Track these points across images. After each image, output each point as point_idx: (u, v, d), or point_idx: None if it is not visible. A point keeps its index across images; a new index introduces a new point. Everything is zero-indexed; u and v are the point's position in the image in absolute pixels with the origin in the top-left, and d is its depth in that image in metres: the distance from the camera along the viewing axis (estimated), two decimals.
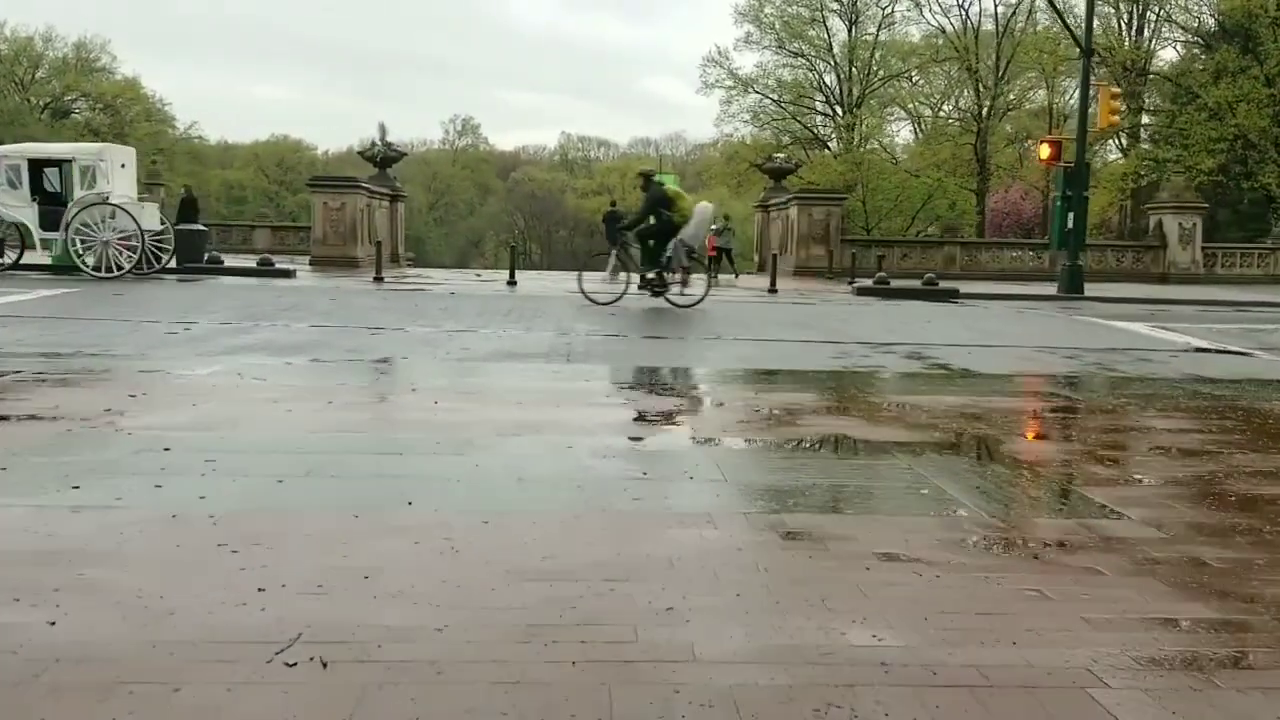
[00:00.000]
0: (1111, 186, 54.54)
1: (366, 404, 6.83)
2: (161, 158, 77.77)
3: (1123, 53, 56.64)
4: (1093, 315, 18.88)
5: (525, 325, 14.01)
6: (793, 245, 34.08)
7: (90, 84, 77.88)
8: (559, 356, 10.20)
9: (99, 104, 78.79)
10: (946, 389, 8.56)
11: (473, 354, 10.24)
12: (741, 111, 64.35)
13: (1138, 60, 57.59)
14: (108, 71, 79.71)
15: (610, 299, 17.58)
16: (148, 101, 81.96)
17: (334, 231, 32.40)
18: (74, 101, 78.69)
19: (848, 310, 18.76)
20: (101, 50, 79.35)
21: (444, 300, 17.76)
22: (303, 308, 15.43)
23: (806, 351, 11.63)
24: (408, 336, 11.87)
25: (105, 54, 79.58)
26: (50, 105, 77.31)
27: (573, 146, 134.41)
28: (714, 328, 14.59)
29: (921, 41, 62.97)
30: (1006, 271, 34.79)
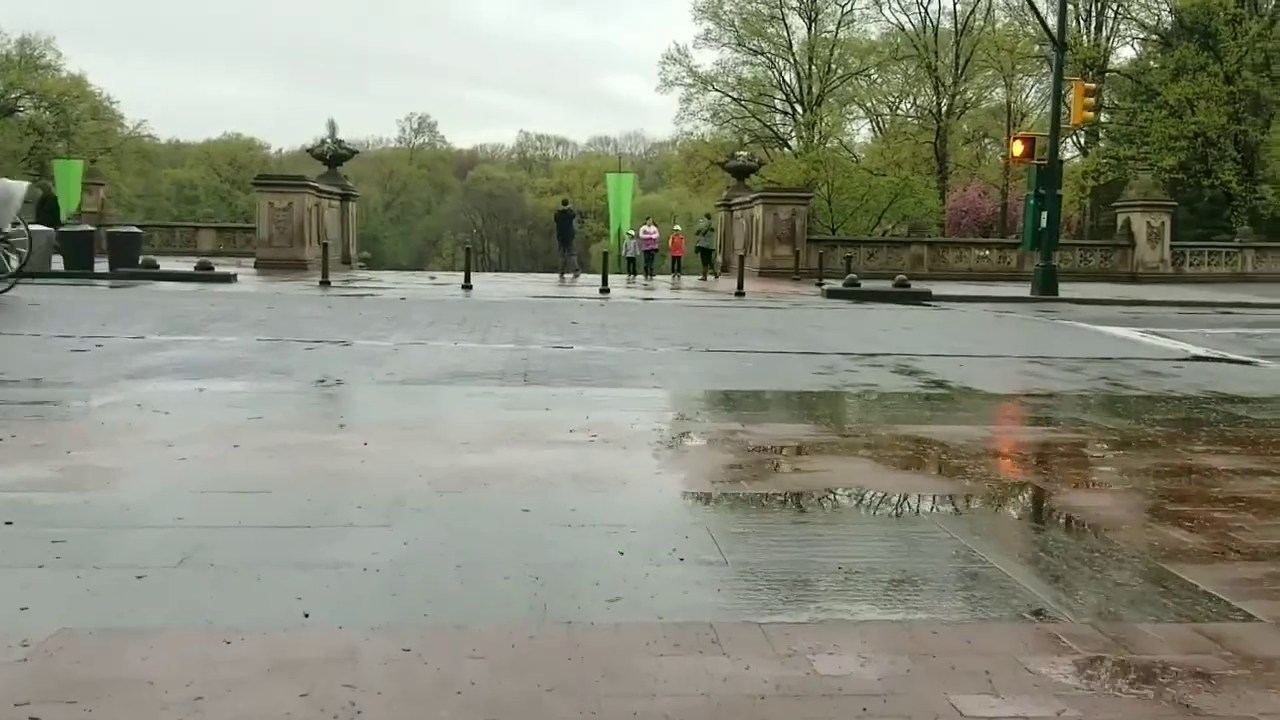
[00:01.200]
0: (1072, 185, 54.27)
1: (281, 447, 5.69)
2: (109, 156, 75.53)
3: (1083, 50, 56.47)
4: (1074, 319, 18.07)
5: (480, 336, 12.88)
6: (758, 245, 33.15)
7: (35, 81, 75.30)
8: (515, 376, 9.09)
9: (44, 102, 76.31)
10: (955, 414, 7.56)
11: (418, 374, 9.10)
12: (701, 109, 63.67)
13: (1097, 58, 57.49)
14: (53, 69, 77.09)
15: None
16: (94, 99, 79.48)
17: (280, 233, 30.99)
18: (18, 99, 76.09)
19: (821, 316, 17.80)
20: (46, 47, 76.65)
21: (393, 307, 16.57)
22: (235, 317, 14.18)
23: (787, 365, 10.61)
24: (347, 352, 10.70)
25: (50, 50, 76.90)
26: None
27: (531, 145, 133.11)
28: (684, 335, 13.55)
29: (880, 39, 62.65)
30: (974, 271, 34.11)
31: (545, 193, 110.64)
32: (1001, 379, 9.79)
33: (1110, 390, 9.07)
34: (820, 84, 61.46)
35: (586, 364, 10.21)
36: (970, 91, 61.63)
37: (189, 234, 40.43)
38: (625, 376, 9.26)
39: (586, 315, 16.28)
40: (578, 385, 8.57)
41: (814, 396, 8.26)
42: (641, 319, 15.95)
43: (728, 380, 9.29)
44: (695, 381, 9.12)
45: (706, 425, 6.77)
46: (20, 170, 70.40)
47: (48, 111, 76.01)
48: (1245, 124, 48.13)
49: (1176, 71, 48.55)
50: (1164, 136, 48.03)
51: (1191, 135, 48.72)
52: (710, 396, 8.32)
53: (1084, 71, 56.60)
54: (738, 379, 9.42)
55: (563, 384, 8.63)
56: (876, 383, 9.19)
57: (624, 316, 16.20)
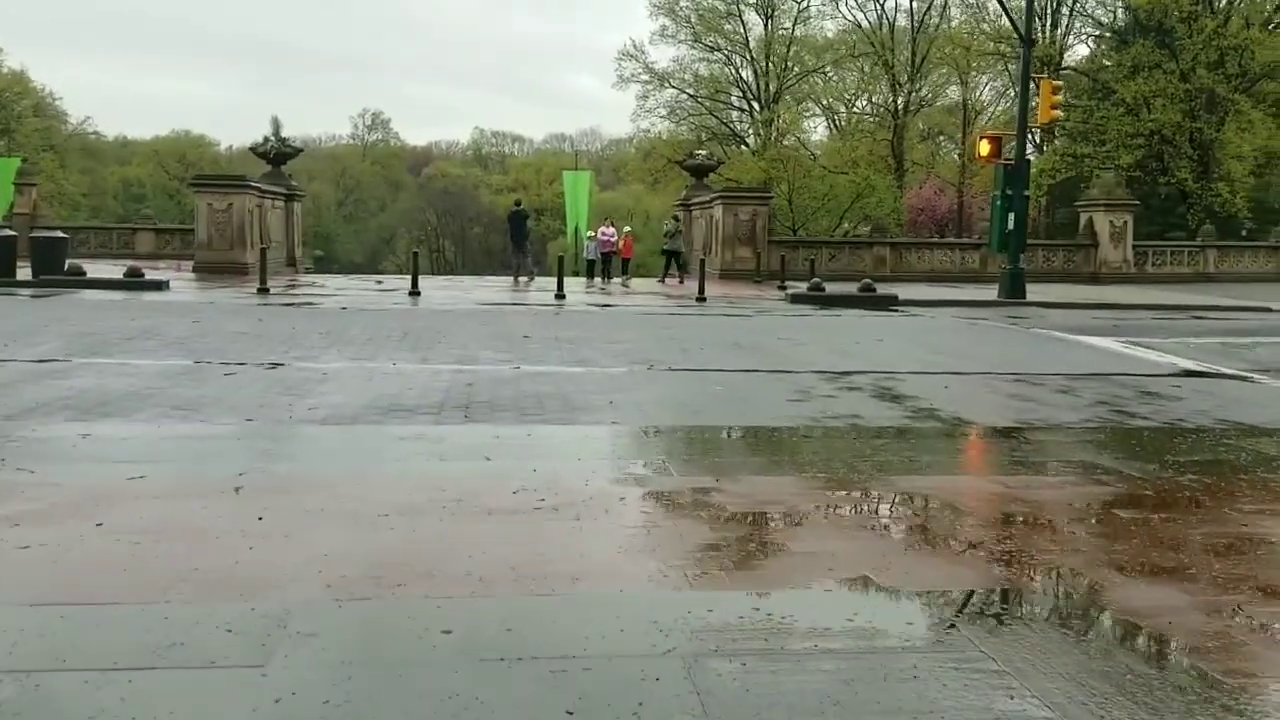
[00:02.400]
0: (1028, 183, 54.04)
1: (154, 528, 4.63)
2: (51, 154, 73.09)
3: (1041, 47, 56.30)
4: (1048, 327, 17.34)
5: (422, 354, 11.82)
6: (718, 246, 32.26)
7: None
8: (455, 409, 8.05)
9: None
10: (956, 459, 6.67)
11: (346, 407, 8.03)
12: (658, 106, 63.02)
13: (1054, 56, 57.46)
14: None
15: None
16: (37, 95, 77.01)
17: (220, 235, 29.63)
18: None
19: (788, 325, 16.91)
20: None
21: (331, 320, 15.44)
22: (156, 334, 12.99)
23: (758, 389, 9.67)
24: (271, 378, 9.60)
25: None
26: None
27: (486, 142, 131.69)
28: (645, 351, 12.57)
29: (837, 36, 62.32)
30: (936, 272, 33.50)
31: (501, 190, 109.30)
32: (994, 406, 8.91)
33: (1116, 421, 8.22)
34: (777, 81, 61.05)
35: (537, 390, 9.20)
36: (925, 89, 61.45)
37: (126, 236, 38.77)
38: (580, 408, 8.27)
39: (540, 327, 15.26)
40: (526, 422, 7.56)
41: (794, 435, 7.31)
42: (599, 331, 14.95)
43: (695, 411, 8.32)
44: (659, 414, 8.14)
45: (674, 481, 5.79)
46: None
47: None
48: (1200, 121, 48.09)
49: (1133, 69, 48.40)
50: (1121, 134, 47.86)
51: (1148, 133, 48.63)
52: (676, 436, 7.34)
53: (1040, 69, 56.49)
54: (706, 409, 8.45)
55: (509, 420, 7.62)
56: (859, 413, 8.27)
57: (580, 328, 15.20)
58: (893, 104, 59.97)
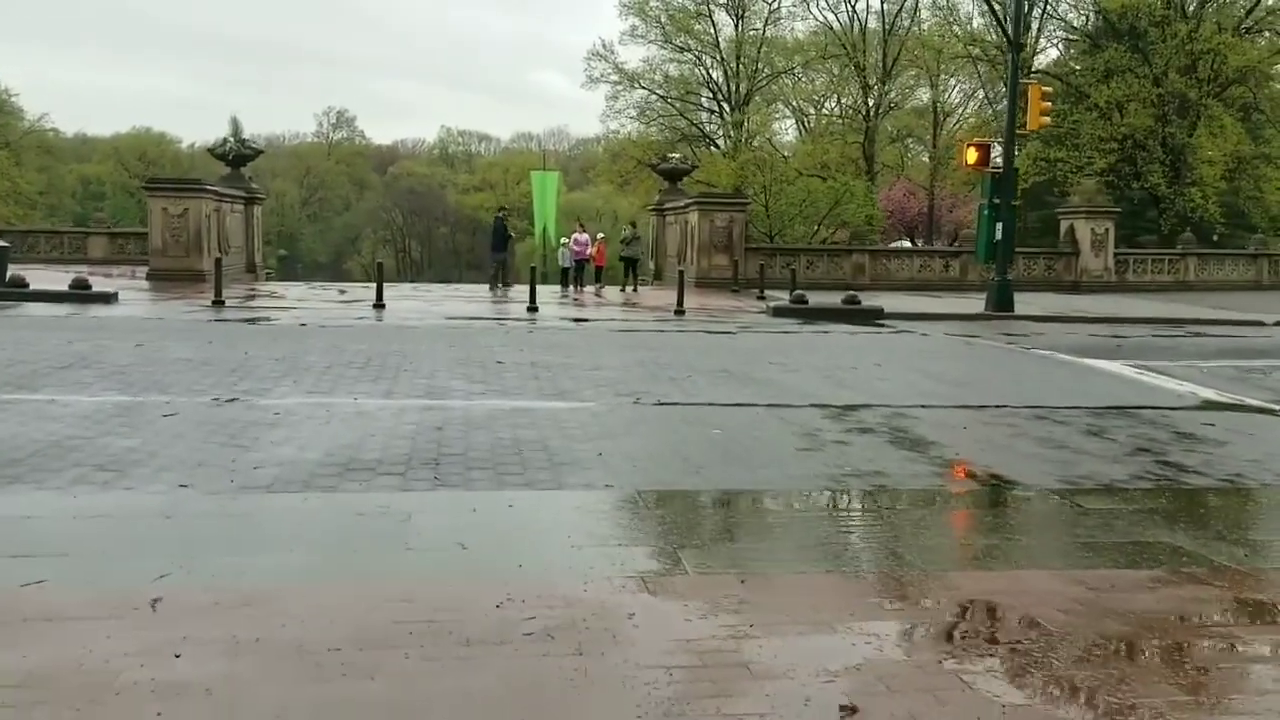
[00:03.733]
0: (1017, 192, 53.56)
1: (26, 676, 3.61)
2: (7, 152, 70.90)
3: None
4: (1047, 346, 16.54)
5: (386, 386, 10.77)
6: (693, 253, 31.35)
7: None
8: (424, 466, 7.03)
9: None
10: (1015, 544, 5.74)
11: (295, 466, 6.98)
12: (628, 107, 62.24)
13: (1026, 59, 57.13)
14: None
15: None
16: None
17: (175, 241, 28.35)
18: None
19: (775, 344, 15.99)
20: None
21: (288, 340, 14.33)
22: (93, 361, 11.85)
23: (760, 432, 8.72)
24: (213, 422, 8.52)
25: None
26: None
27: (453, 140, 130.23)
28: (628, 379, 11.59)
29: (807, 37, 61.75)
30: (916, 281, 32.76)
31: (468, 189, 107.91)
32: (1026, 456, 8.00)
33: (1168, 478, 7.33)
34: (748, 82, 60.44)
35: (516, 435, 8.20)
36: (894, 91, 61.00)
37: (79, 240, 37.22)
38: (566, 462, 7.27)
39: (513, 349, 14.23)
40: (506, 484, 6.56)
41: (817, 506, 6.34)
42: (576, 353, 13.94)
43: (696, 467, 7.34)
44: (656, 471, 7.15)
45: (690, 583, 4.79)
46: None
47: None
48: (1172, 126, 47.83)
49: (1106, 73, 48.05)
50: (1094, 138, 47.49)
51: (1121, 138, 48.34)
52: (681, 506, 6.34)
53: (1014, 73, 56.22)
54: (707, 463, 7.47)
55: (486, 482, 6.61)
56: (882, 468, 7.33)
57: (556, 351, 14.18)
58: (864, 106, 59.48)
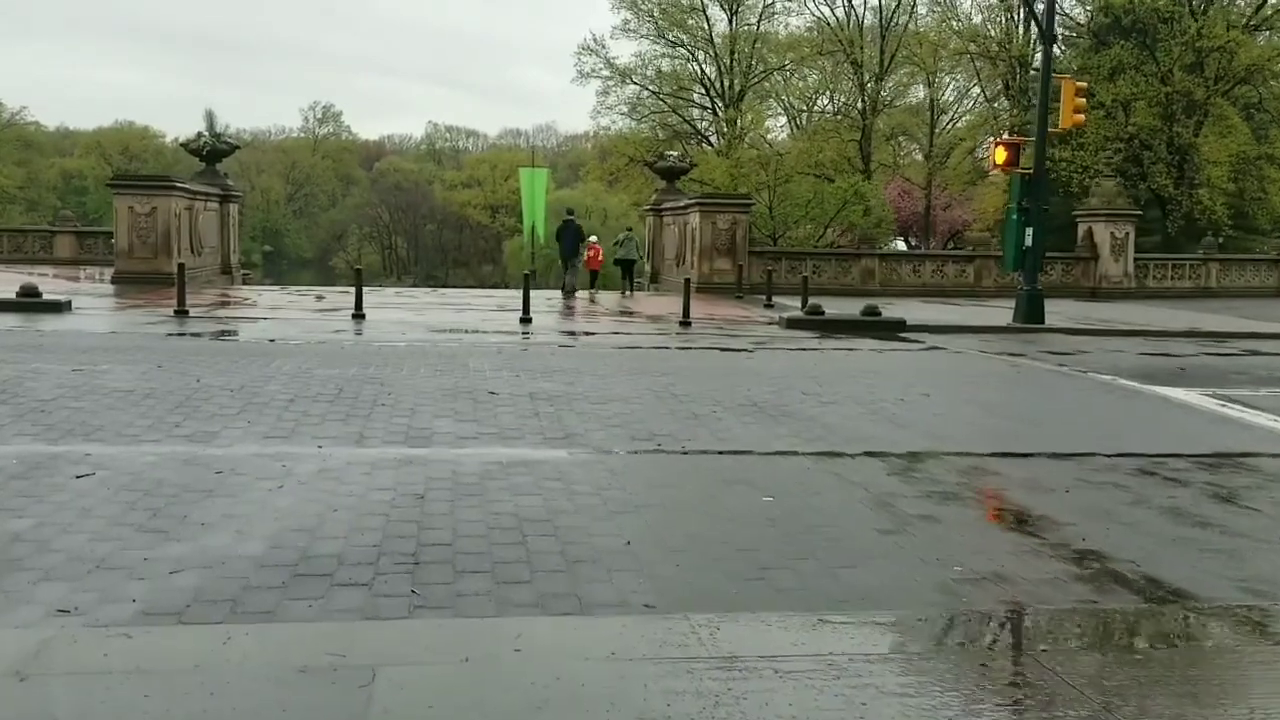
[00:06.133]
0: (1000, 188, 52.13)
1: None
2: None
3: (1016, 47, 54.54)
4: (1100, 368, 14.87)
5: (358, 427, 9.03)
6: (694, 257, 29.65)
7: None
8: (398, 569, 5.28)
9: None
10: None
11: (223, 573, 5.19)
12: (619, 103, 60.79)
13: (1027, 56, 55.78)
14: None
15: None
16: None
17: (142, 242, 26.53)
18: None
19: (800, 366, 14.28)
20: None
21: (249, 365, 12.53)
22: (16, 392, 10.06)
23: (820, 499, 7.00)
24: (135, 487, 6.75)
25: None
26: None
27: (440, 136, 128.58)
28: (642, 415, 9.85)
29: (803, 33, 60.27)
30: (929, 287, 31.16)
31: (455, 186, 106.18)
32: (1165, 538, 6.31)
33: None
34: (742, 79, 58.94)
35: (518, 510, 6.48)
36: (888, 89, 59.50)
37: (45, 239, 35.32)
38: (584, 559, 5.54)
39: (507, 373, 12.49)
40: (507, 604, 4.83)
41: (951, 653, 4.60)
42: (580, 380, 12.21)
43: (756, 563, 5.60)
44: (706, 575, 5.40)
45: None
46: None
47: None
48: (1179, 125, 46.45)
49: (1113, 71, 46.58)
50: (1100, 138, 46.03)
51: (1127, 137, 46.96)
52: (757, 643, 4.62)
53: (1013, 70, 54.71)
54: (769, 559, 5.72)
55: (481, 600, 4.89)
56: (998, 564, 5.61)
57: (556, 376, 12.44)
58: (860, 103, 57.99)
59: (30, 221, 53.75)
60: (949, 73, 60.41)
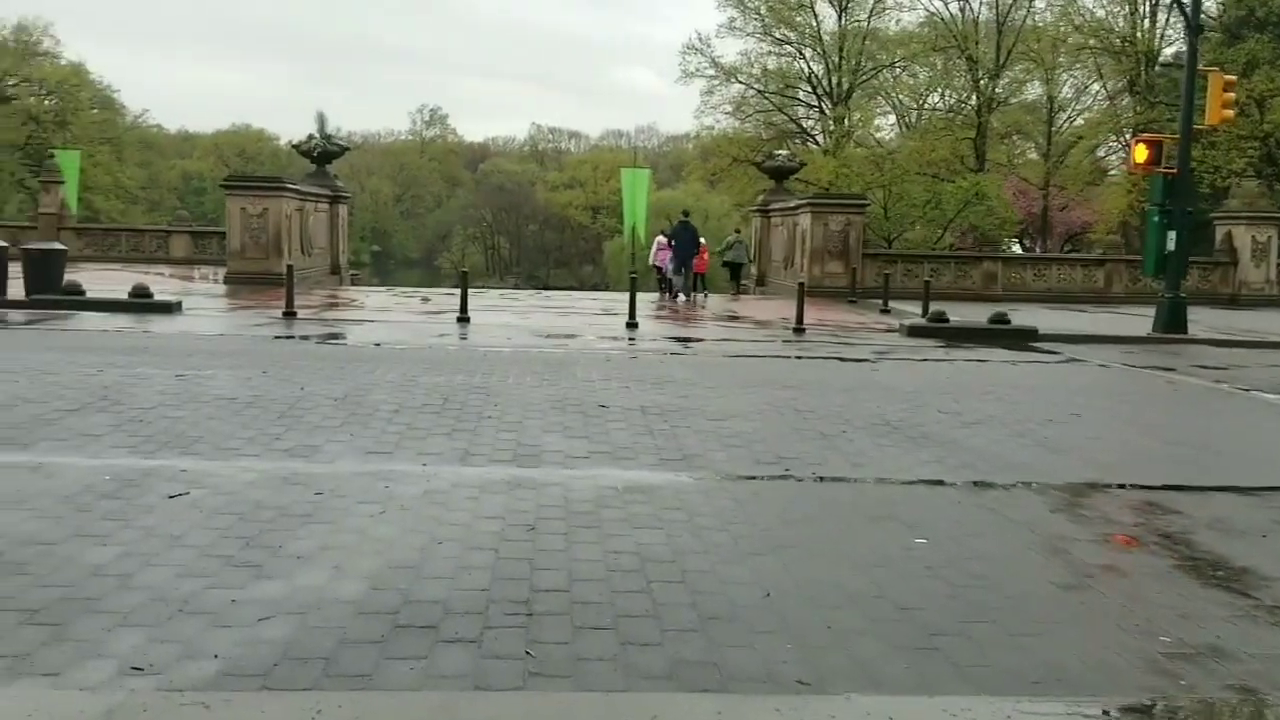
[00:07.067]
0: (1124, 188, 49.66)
1: None
2: (109, 147, 71.42)
3: (1140, 42, 52.05)
4: (1264, 386, 13.54)
5: (463, 444, 8.46)
6: (803, 259, 28.67)
7: (32, 69, 71.53)
8: (507, 623, 4.63)
9: (41, 90, 72.63)
10: None
11: (307, 626, 4.64)
12: (723, 102, 59.89)
13: (1152, 51, 53.14)
14: (51, 56, 73.37)
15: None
16: (94, 88, 75.65)
17: (254, 242, 26.71)
18: (14, 87, 72.34)
19: (928, 377, 13.31)
20: (43, 34, 72.98)
21: (355, 370, 12.14)
22: (118, 398, 9.78)
23: (975, 538, 6.15)
24: (230, 512, 6.27)
25: (48, 37, 73.24)
26: None
27: (543, 138, 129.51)
28: (767, 436, 9.04)
29: (915, 29, 58.48)
30: (1054, 292, 29.58)
31: (557, 187, 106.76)
32: None
33: None
34: (850, 76, 57.46)
35: (638, 545, 5.79)
36: (1002, 86, 57.28)
37: (161, 239, 36.08)
38: (719, 616, 4.81)
39: (617, 384, 11.84)
40: (634, 674, 4.13)
41: None
42: (694, 391, 11.49)
43: (921, 626, 4.81)
44: (865, 641, 4.63)
45: None
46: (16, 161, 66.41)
47: (47, 100, 72.29)
48: None
49: (1247, 66, 43.95)
50: (1233, 136, 43.41)
51: (1263, 135, 44.28)
52: None
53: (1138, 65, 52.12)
54: (935, 616, 4.94)
55: (604, 668, 4.20)
56: (1212, 634, 4.71)
57: (669, 387, 11.75)
58: (976, 101, 55.99)
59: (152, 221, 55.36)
60: (1067, 69, 58.01)
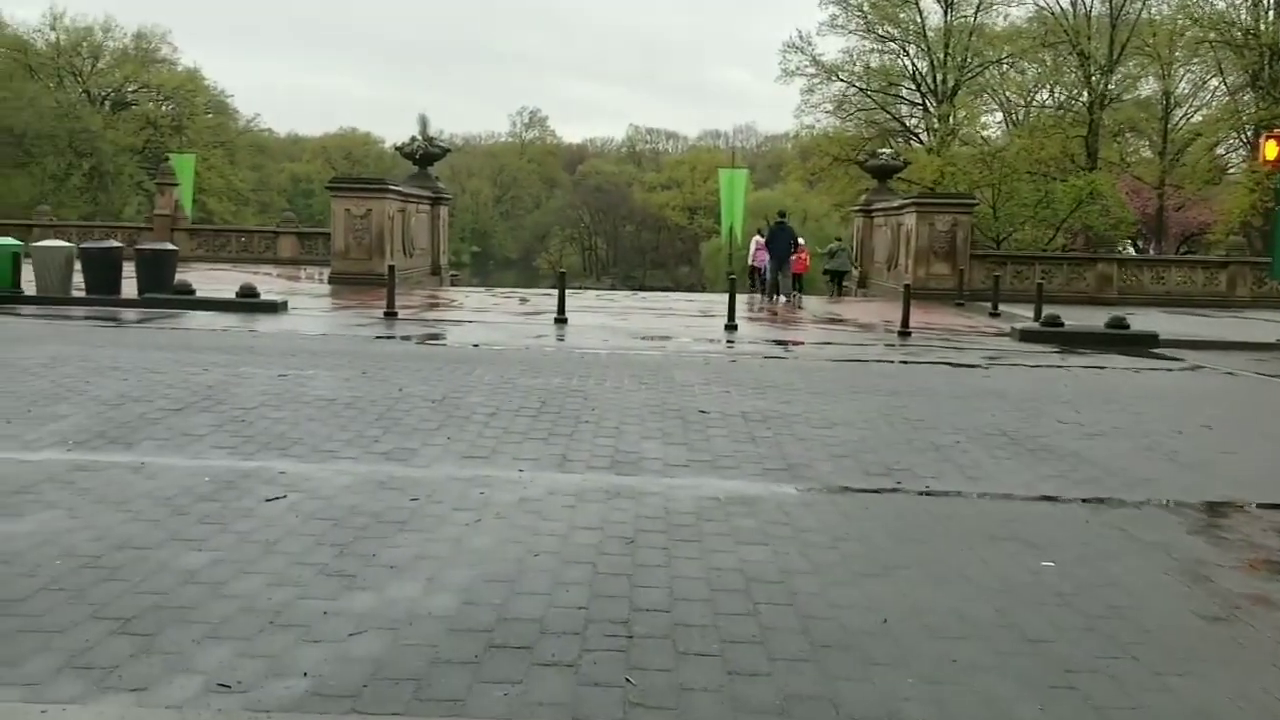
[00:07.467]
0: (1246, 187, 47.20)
1: None
2: (222, 150, 73.96)
3: (1267, 35, 49.57)
4: None
5: (560, 449, 8.25)
6: (907, 260, 27.93)
7: (150, 75, 74.50)
8: (606, 646, 4.39)
9: (159, 95, 75.54)
10: None
11: (398, 643, 4.45)
12: (824, 101, 58.92)
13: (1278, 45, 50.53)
14: (168, 62, 76.30)
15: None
16: (209, 93, 78.38)
17: (357, 243, 27.11)
18: (134, 93, 75.43)
19: (1044, 384, 12.67)
20: (161, 41, 75.95)
21: (451, 374, 12.05)
22: (221, 397, 9.84)
23: (1104, 561, 5.66)
24: (324, 517, 6.15)
25: (165, 44, 76.21)
26: (109, 97, 74.10)
27: (640, 138, 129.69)
28: (875, 445, 8.60)
29: (1025, 24, 56.69)
30: (1174, 295, 28.24)
31: (654, 188, 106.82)
32: None
33: None
34: (956, 73, 56.02)
35: (742, 563, 5.49)
36: (1115, 82, 55.13)
37: (269, 240, 36.96)
38: (832, 644, 4.48)
39: (716, 390, 11.52)
40: (741, 710, 3.83)
41: None
42: (796, 397, 11.11)
43: (1052, 656, 4.41)
44: (998, 683, 4.25)
45: None
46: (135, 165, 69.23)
47: (164, 105, 75.08)
48: None
49: None
50: None
51: None
52: None
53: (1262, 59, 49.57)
54: (1063, 644, 4.53)
55: (712, 702, 3.89)
56: None
57: (770, 393, 11.39)
58: (1088, 97, 54.03)
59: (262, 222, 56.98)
60: (1185, 63, 55.60)
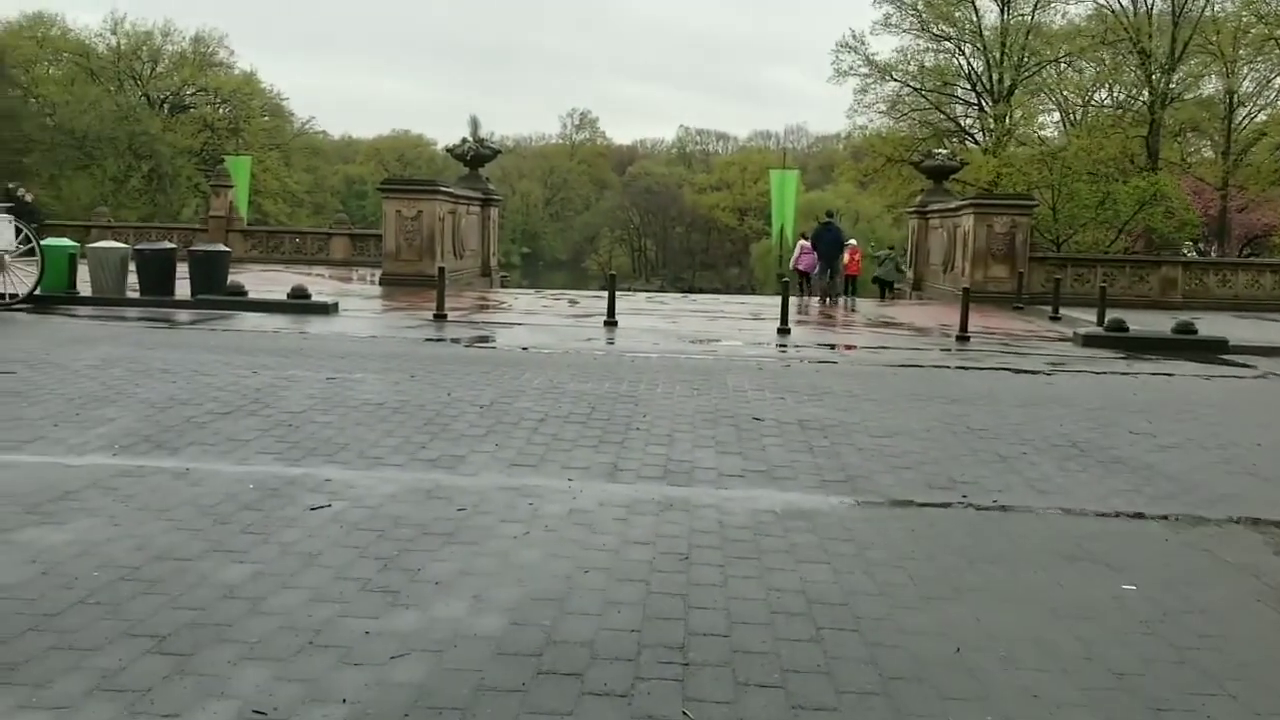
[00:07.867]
0: None
1: None
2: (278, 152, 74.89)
3: None
4: None
5: (610, 457, 8.02)
6: (964, 262, 27.34)
7: (207, 78, 75.60)
8: (660, 673, 4.14)
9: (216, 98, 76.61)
10: None
11: (443, 668, 4.24)
12: (877, 101, 58.17)
13: None
14: (225, 66, 77.35)
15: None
16: (265, 96, 79.34)
17: (408, 244, 27.11)
18: (192, 96, 76.57)
19: (1111, 392, 12.21)
20: (218, 45, 76.98)
21: (499, 377, 11.88)
22: (269, 401, 9.75)
23: (1190, 586, 5.32)
24: (368, 528, 5.98)
25: (223, 48, 77.22)
26: (168, 100, 75.27)
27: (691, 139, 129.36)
28: (937, 456, 8.25)
29: (1083, 22, 55.50)
30: (1241, 300, 27.40)
31: (704, 189, 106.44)
32: None
33: None
34: (1013, 73, 55.02)
35: (803, 583, 5.23)
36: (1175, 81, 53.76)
37: (321, 241, 37.21)
38: (902, 676, 4.20)
39: (770, 396, 11.22)
40: None
41: None
42: (854, 405, 10.78)
43: (1140, 691, 4.11)
44: (1079, 714, 3.96)
45: None
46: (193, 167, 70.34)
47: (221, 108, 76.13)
48: None
49: None
50: None
51: None
52: None
53: None
54: (1151, 677, 4.23)
55: None
56: None
57: (827, 400, 11.06)
58: (1145, 97, 52.76)
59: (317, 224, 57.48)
60: (1249, 61, 54.11)
